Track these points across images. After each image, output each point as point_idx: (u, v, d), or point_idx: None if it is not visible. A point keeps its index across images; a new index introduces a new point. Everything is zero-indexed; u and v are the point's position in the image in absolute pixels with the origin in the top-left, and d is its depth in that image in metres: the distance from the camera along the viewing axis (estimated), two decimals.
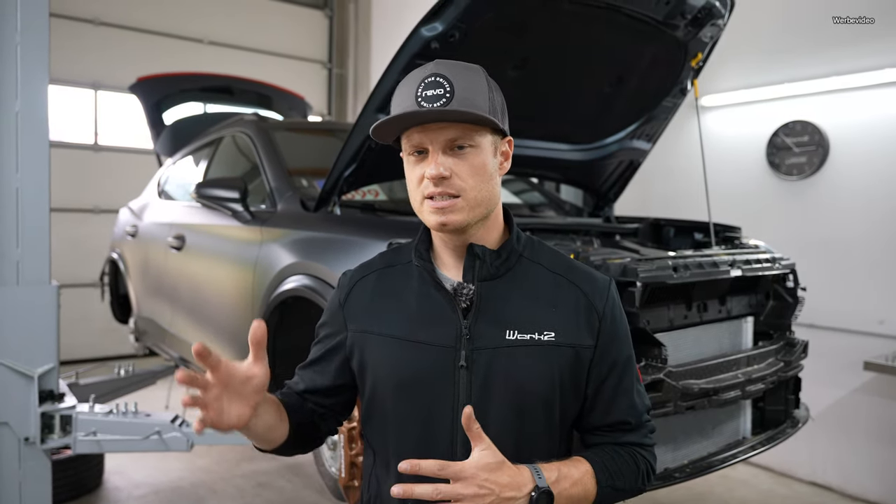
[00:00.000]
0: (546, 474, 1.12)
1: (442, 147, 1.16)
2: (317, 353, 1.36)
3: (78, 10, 7.16)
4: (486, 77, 1.21)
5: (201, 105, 5.24)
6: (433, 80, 1.15)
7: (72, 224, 7.08)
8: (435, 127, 1.15)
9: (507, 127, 1.25)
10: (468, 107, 1.13)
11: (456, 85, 1.14)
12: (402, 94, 1.19)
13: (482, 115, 1.13)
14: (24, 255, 2.86)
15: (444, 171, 1.15)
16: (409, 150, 1.20)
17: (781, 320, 2.65)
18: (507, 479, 1.07)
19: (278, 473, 4.15)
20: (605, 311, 1.25)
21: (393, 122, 1.16)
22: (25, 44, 2.81)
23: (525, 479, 1.09)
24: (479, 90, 1.17)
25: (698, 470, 2.21)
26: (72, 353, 6.59)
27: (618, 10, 2.32)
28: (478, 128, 1.17)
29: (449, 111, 1.12)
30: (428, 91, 1.14)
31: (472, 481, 1.05)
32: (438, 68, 1.17)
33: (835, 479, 4.09)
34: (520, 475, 1.09)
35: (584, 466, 1.19)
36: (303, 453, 1.38)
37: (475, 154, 1.17)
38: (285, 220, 2.80)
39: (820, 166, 4.10)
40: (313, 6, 8.98)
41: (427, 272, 1.25)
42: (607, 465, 1.21)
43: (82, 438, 3.00)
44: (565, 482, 1.13)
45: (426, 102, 1.14)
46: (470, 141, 1.16)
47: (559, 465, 1.16)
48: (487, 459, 1.08)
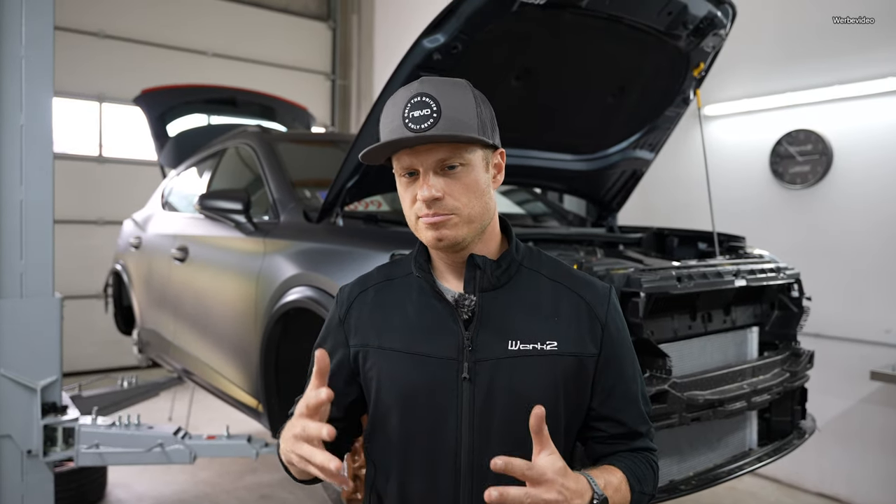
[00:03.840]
0: (597, 481, 1.12)
1: (433, 168, 1.16)
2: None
3: (83, 23, 7.21)
4: (473, 91, 1.20)
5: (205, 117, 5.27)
6: (419, 101, 1.14)
7: (76, 236, 7.10)
8: (424, 149, 1.15)
9: (498, 139, 1.24)
10: (455, 125, 1.13)
11: (443, 104, 1.14)
12: (389, 116, 1.19)
13: (470, 136, 1.13)
14: (28, 267, 2.86)
15: (437, 192, 1.15)
16: (401, 171, 1.20)
17: (787, 330, 2.63)
18: (574, 486, 1.06)
19: (281, 486, 4.13)
20: (607, 319, 1.24)
21: (381, 148, 1.16)
22: (30, 57, 2.83)
23: (585, 487, 1.08)
24: (466, 107, 1.16)
25: (704, 482, 2.19)
26: (75, 364, 6.59)
27: (619, 20, 2.32)
28: (467, 145, 1.17)
29: (436, 136, 1.12)
30: (415, 112, 1.14)
31: (552, 486, 1.02)
32: (424, 87, 1.16)
33: (842, 490, 4.05)
34: (581, 482, 1.08)
35: (619, 473, 1.19)
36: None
37: (466, 172, 1.17)
38: (288, 232, 2.80)
39: (824, 175, 4.09)
40: (316, 18, 9.03)
41: (428, 284, 1.25)
42: (635, 471, 1.22)
43: (85, 451, 3.00)
44: (609, 489, 1.13)
45: (413, 123, 1.13)
46: (460, 160, 1.16)
47: (600, 473, 1.16)
48: (559, 464, 1.05)
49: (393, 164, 1.22)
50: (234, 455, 3.15)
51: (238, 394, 3.08)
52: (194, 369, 3.62)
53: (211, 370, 3.37)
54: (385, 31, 8.60)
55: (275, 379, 2.73)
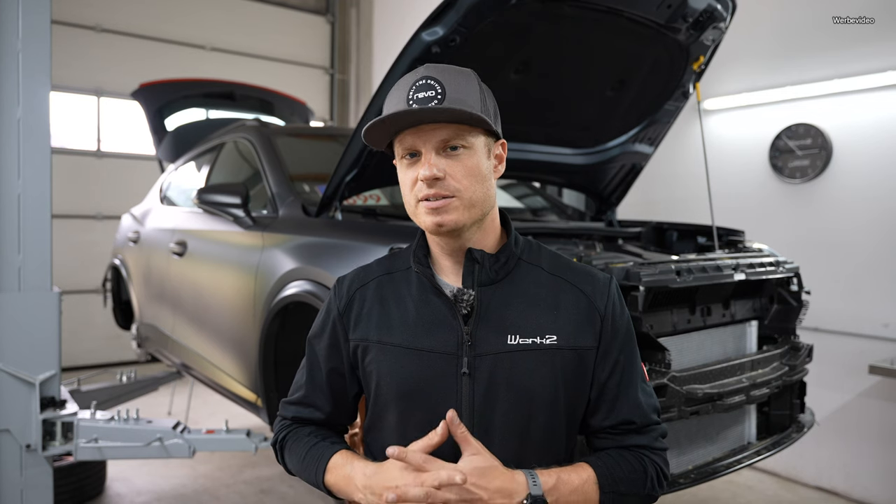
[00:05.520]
0: (543, 479, 1.10)
1: (435, 148, 1.15)
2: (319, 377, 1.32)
3: (81, 16, 7.18)
4: (479, 81, 1.20)
5: (203, 111, 5.25)
6: (424, 83, 1.14)
7: (74, 230, 7.09)
8: (427, 128, 1.14)
9: (500, 130, 1.24)
10: (460, 106, 1.12)
11: (447, 87, 1.14)
12: (393, 98, 1.18)
13: (475, 114, 1.12)
14: (26, 262, 2.86)
15: (438, 171, 1.13)
16: (402, 153, 1.19)
17: (786, 324, 2.63)
18: (498, 485, 1.06)
19: (281, 479, 4.14)
20: (606, 311, 1.23)
21: (385, 122, 1.14)
22: (27, 50, 2.82)
23: (518, 486, 1.08)
24: (470, 92, 1.16)
25: (703, 476, 2.19)
26: (74, 359, 6.60)
27: (619, 13, 2.31)
28: (470, 128, 1.16)
29: (441, 109, 1.11)
30: (419, 93, 1.13)
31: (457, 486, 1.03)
32: (429, 71, 1.16)
33: (840, 484, 4.06)
34: (513, 481, 1.08)
35: (586, 473, 1.17)
36: None
37: (468, 155, 1.16)
38: (287, 226, 2.79)
39: (823, 169, 4.09)
40: (315, 12, 9.00)
41: (426, 278, 1.24)
42: (611, 471, 1.18)
43: (84, 445, 3.00)
44: (564, 488, 1.12)
45: (417, 104, 1.12)
46: (463, 141, 1.15)
47: (559, 472, 1.14)
48: (476, 464, 1.06)
49: (395, 150, 1.21)
50: (234, 449, 3.16)
51: (237, 388, 3.08)
52: (193, 364, 3.62)
53: (210, 365, 3.37)
54: (384, 24, 8.57)
55: (273, 373, 2.73)
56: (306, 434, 1.31)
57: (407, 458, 1.06)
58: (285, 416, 1.36)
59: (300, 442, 1.30)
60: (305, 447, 1.29)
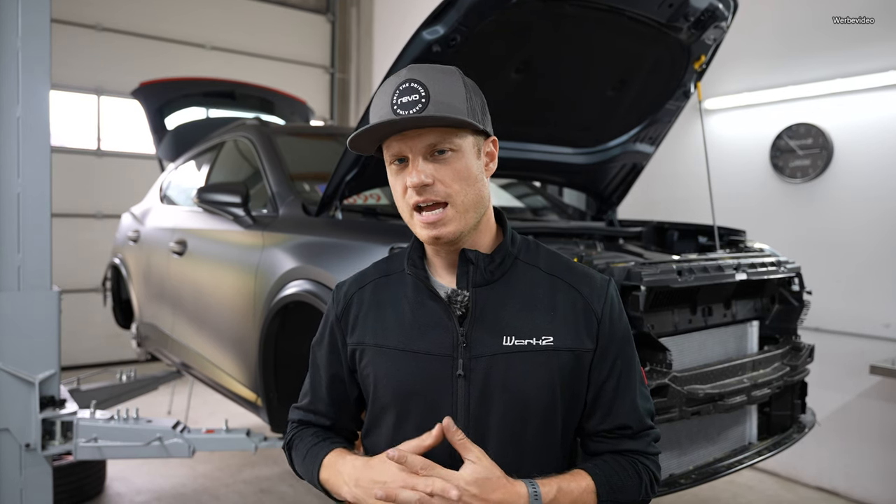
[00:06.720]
0: (544, 490, 1.09)
1: (422, 153, 1.13)
2: (322, 385, 1.33)
3: (81, 15, 7.18)
4: (463, 78, 1.18)
5: (203, 110, 5.24)
6: (407, 87, 1.12)
7: (74, 229, 7.09)
8: (412, 134, 1.12)
9: (490, 127, 1.22)
10: (444, 110, 1.10)
11: (431, 89, 1.11)
12: (377, 104, 1.16)
13: (458, 118, 1.10)
14: (26, 261, 2.85)
15: (426, 178, 1.12)
16: (390, 159, 1.17)
17: (787, 324, 2.63)
18: (499, 497, 1.05)
19: (280, 479, 4.13)
20: (603, 313, 1.22)
21: (368, 132, 1.13)
22: (27, 49, 2.81)
23: (519, 498, 1.06)
24: (455, 92, 1.14)
25: (704, 476, 2.19)
26: (73, 358, 6.59)
27: (620, 12, 2.31)
28: (457, 130, 1.14)
29: (423, 117, 1.09)
30: (403, 98, 1.11)
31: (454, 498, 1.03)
32: (412, 74, 1.14)
33: (841, 484, 4.06)
34: (514, 493, 1.06)
35: (585, 482, 1.15)
36: None
37: (457, 158, 1.14)
38: (287, 225, 2.79)
39: (824, 169, 4.08)
40: (315, 11, 8.99)
41: (421, 280, 1.23)
42: (609, 479, 1.17)
43: (83, 444, 2.99)
44: (564, 499, 1.10)
45: (402, 110, 1.11)
46: (450, 145, 1.13)
47: (559, 481, 1.13)
48: (477, 474, 1.05)
49: (383, 155, 1.20)
50: (233, 449, 3.15)
51: (236, 387, 3.08)
52: (193, 363, 3.61)
53: (209, 364, 3.36)
54: (384, 23, 8.56)
55: (273, 373, 2.73)
56: (310, 435, 1.32)
57: (407, 462, 1.05)
58: (293, 420, 1.37)
59: (304, 442, 1.32)
60: (307, 447, 1.30)
